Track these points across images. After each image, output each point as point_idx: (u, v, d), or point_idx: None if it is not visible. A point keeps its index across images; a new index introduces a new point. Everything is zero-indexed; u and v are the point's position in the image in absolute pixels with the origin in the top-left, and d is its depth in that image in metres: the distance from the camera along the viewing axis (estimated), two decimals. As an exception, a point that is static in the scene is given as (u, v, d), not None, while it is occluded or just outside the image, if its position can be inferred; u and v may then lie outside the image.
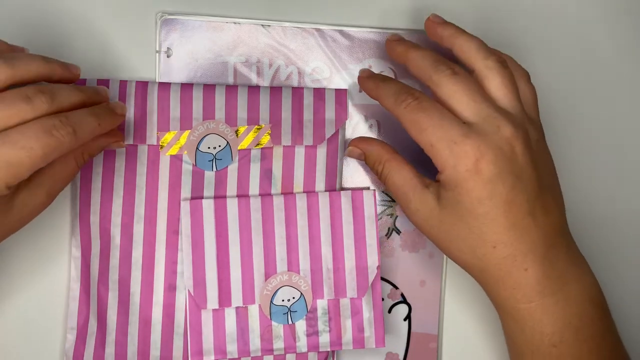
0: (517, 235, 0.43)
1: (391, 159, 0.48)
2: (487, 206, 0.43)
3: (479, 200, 0.43)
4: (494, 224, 0.43)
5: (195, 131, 0.51)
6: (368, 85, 0.49)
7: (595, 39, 0.56)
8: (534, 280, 0.44)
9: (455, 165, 0.43)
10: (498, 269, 0.44)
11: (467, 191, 0.43)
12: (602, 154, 0.56)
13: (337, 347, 0.51)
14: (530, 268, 0.44)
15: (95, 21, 0.52)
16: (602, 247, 0.55)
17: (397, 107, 0.45)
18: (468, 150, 0.42)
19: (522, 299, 0.44)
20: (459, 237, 0.44)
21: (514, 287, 0.44)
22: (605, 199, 0.56)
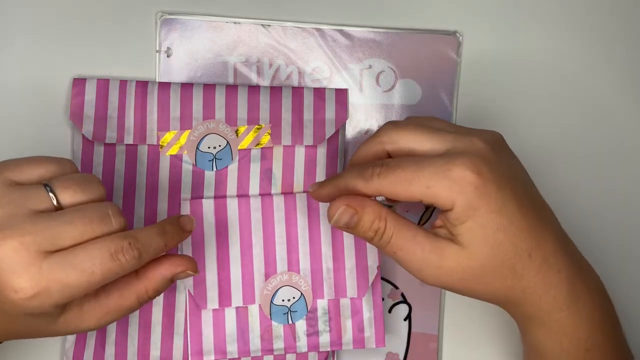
0: (540, 236, 0.42)
1: (391, 213, 0.43)
2: (509, 213, 0.41)
3: (499, 210, 0.41)
4: (520, 230, 0.41)
5: (195, 131, 0.51)
6: (325, 191, 0.44)
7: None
8: (567, 282, 0.43)
9: (462, 189, 0.40)
10: (538, 278, 0.42)
11: (486, 208, 0.40)
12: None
13: (337, 347, 0.51)
14: (562, 269, 0.42)
15: (95, 21, 0.52)
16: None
17: (370, 182, 0.42)
18: (464, 170, 0.40)
19: (562, 306, 0.43)
20: (497, 264, 0.41)
21: (555, 294, 0.42)
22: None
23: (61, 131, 0.51)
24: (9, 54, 0.52)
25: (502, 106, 0.55)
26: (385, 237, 0.42)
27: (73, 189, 0.39)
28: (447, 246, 0.41)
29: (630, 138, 0.56)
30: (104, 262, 0.38)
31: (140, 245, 0.39)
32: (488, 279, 0.42)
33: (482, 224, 0.41)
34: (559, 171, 0.55)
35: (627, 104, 0.56)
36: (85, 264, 0.37)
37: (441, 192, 0.40)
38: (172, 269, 0.42)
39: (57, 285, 0.37)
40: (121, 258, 0.38)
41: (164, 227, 0.42)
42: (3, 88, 0.52)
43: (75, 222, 0.38)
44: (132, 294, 0.41)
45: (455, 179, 0.40)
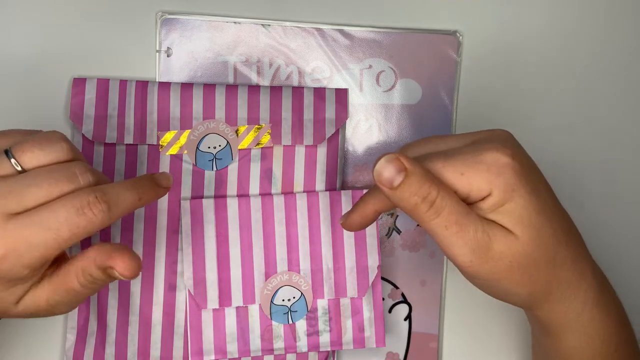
0: (568, 225, 0.41)
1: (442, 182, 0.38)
2: (544, 196, 0.39)
3: (536, 192, 0.39)
4: (555, 215, 0.40)
5: (196, 131, 0.51)
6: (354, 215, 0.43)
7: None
8: (595, 275, 0.42)
9: (499, 171, 0.38)
10: (572, 272, 0.40)
11: (525, 189, 0.38)
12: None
13: (337, 346, 0.51)
14: (589, 261, 0.41)
15: (95, 21, 0.52)
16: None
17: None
18: (497, 152, 0.38)
19: (594, 301, 0.41)
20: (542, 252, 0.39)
21: (587, 288, 0.41)
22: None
23: (61, 131, 0.51)
24: (9, 53, 0.52)
25: (502, 106, 0.55)
26: (437, 206, 0.37)
27: (33, 151, 0.38)
28: (496, 229, 0.38)
29: (632, 137, 0.56)
30: (70, 218, 0.36)
31: (109, 198, 0.37)
32: (532, 268, 0.39)
33: (524, 206, 0.38)
34: (560, 171, 0.55)
35: (629, 104, 0.56)
36: (50, 221, 0.36)
37: (477, 176, 0.38)
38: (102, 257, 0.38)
39: (24, 245, 0.36)
40: (88, 213, 0.37)
41: (136, 181, 0.40)
42: (3, 88, 0.52)
43: (39, 182, 0.37)
44: (72, 273, 0.39)
45: (490, 162, 0.38)
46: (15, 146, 0.38)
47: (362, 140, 0.53)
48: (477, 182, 0.38)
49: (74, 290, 0.39)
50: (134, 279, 0.38)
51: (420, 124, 0.54)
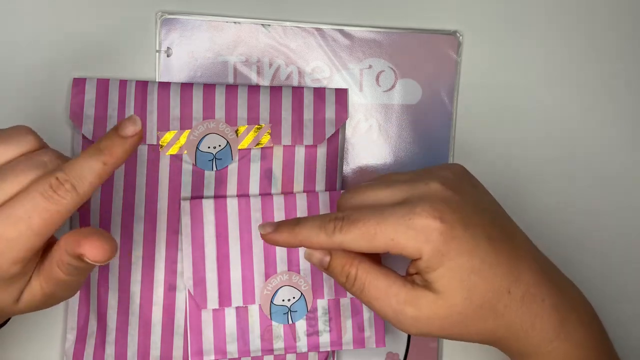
0: (517, 269, 0.41)
1: (364, 261, 0.41)
2: (481, 253, 0.40)
3: (470, 252, 0.40)
4: (494, 268, 0.40)
5: (195, 131, 0.51)
6: (282, 237, 0.41)
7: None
8: (553, 310, 0.41)
9: (428, 237, 0.39)
10: (522, 313, 0.41)
11: (456, 251, 0.39)
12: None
13: (337, 347, 0.51)
14: (546, 297, 0.41)
15: (95, 21, 0.52)
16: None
17: (333, 237, 0.40)
18: (426, 217, 0.39)
19: (552, 336, 0.41)
20: (476, 307, 0.40)
21: (542, 326, 0.41)
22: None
23: (61, 131, 0.51)
24: (9, 53, 0.52)
25: (502, 106, 0.55)
26: (358, 284, 0.41)
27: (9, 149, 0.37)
28: (423, 295, 0.40)
29: (633, 139, 0.56)
30: (37, 205, 0.35)
31: (71, 176, 0.36)
32: (469, 323, 0.41)
33: (454, 269, 0.39)
34: (560, 171, 0.55)
35: (628, 104, 0.56)
36: (18, 212, 0.35)
37: (407, 243, 0.39)
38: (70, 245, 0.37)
39: (2, 242, 0.36)
40: (54, 195, 0.36)
41: (99, 144, 0.37)
42: (3, 88, 0.52)
43: (6, 176, 0.36)
44: (54, 265, 0.38)
45: (418, 227, 0.39)
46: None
47: (362, 140, 0.53)
48: (408, 248, 0.39)
49: (62, 280, 0.38)
50: (108, 262, 0.37)
51: (420, 124, 0.54)
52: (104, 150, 0.37)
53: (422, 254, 0.39)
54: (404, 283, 0.41)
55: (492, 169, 0.51)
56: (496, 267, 0.40)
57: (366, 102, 0.53)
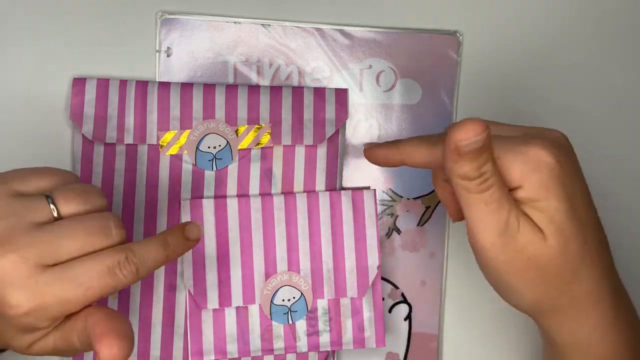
0: (601, 244, 0.40)
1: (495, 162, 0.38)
2: (580, 207, 0.38)
3: (571, 200, 0.38)
4: (587, 229, 0.39)
5: (195, 131, 0.51)
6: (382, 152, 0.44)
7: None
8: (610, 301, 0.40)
9: (537, 167, 0.37)
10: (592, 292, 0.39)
11: (560, 192, 0.38)
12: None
13: (337, 347, 0.51)
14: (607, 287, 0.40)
15: (95, 21, 0.52)
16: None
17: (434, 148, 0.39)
18: (542, 150, 0.38)
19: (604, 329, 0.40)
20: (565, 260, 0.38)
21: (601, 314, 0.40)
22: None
23: (61, 131, 0.51)
24: (9, 53, 0.52)
25: (503, 106, 0.55)
26: (488, 183, 0.37)
27: (74, 200, 0.38)
28: (527, 222, 0.38)
29: (635, 134, 0.56)
30: (101, 277, 0.37)
31: (137, 259, 0.38)
32: (549, 274, 0.38)
33: (557, 209, 0.38)
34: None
35: (630, 101, 0.56)
36: (82, 278, 0.37)
37: (513, 164, 0.37)
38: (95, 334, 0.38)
39: (53, 299, 0.36)
40: (118, 273, 0.37)
41: (167, 237, 0.40)
42: (3, 88, 0.52)
43: (75, 235, 0.37)
44: (74, 332, 0.39)
45: (531, 154, 0.37)
46: (59, 193, 0.38)
47: (362, 140, 0.53)
48: (511, 170, 0.37)
49: (75, 346, 0.39)
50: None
51: (420, 124, 0.54)
52: (170, 245, 0.40)
53: (524, 182, 0.37)
54: (516, 202, 0.38)
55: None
56: (589, 229, 0.39)
57: (366, 102, 0.53)
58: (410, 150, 0.42)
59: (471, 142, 0.36)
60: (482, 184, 0.37)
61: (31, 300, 0.36)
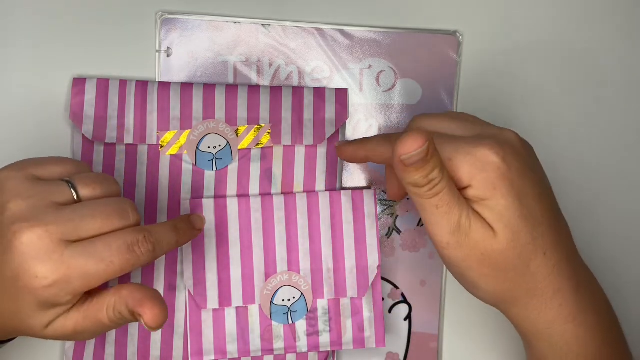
0: (557, 237, 0.41)
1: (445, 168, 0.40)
2: (529, 204, 0.40)
3: (520, 198, 0.40)
4: (538, 225, 0.41)
5: (195, 131, 0.51)
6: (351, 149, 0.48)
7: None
8: (575, 292, 0.41)
9: (484, 167, 0.40)
10: (549, 281, 0.41)
11: (507, 190, 0.40)
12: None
13: (337, 347, 0.51)
14: (572, 276, 0.41)
15: (95, 21, 0.52)
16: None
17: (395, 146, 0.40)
18: (489, 151, 0.40)
19: (568, 317, 0.41)
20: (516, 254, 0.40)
21: (562, 303, 0.41)
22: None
23: (61, 131, 0.51)
24: (9, 53, 0.52)
25: (502, 106, 0.55)
26: (437, 188, 0.40)
27: (92, 185, 0.41)
28: (478, 220, 0.40)
29: (631, 133, 0.56)
30: (122, 254, 0.39)
31: (154, 239, 0.41)
32: (502, 268, 0.41)
33: (504, 206, 0.40)
34: (559, 170, 0.55)
35: (631, 102, 0.56)
36: (104, 254, 0.39)
37: (462, 165, 0.40)
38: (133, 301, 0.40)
39: (77, 272, 0.38)
40: (137, 250, 0.40)
41: (177, 224, 0.44)
42: (3, 88, 0.52)
43: (95, 214, 0.39)
44: (104, 307, 0.41)
45: (478, 155, 0.40)
46: (78, 178, 0.41)
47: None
48: (461, 171, 0.40)
49: (102, 323, 0.41)
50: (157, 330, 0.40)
51: (420, 124, 0.54)
52: (180, 231, 0.43)
53: (473, 181, 0.40)
54: (467, 202, 0.41)
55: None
56: (540, 225, 0.41)
57: (366, 102, 0.53)
58: (373, 147, 0.46)
59: (412, 155, 0.38)
60: (432, 190, 0.39)
61: (56, 272, 0.38)
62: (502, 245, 0.40)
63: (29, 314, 0.40)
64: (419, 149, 0.38)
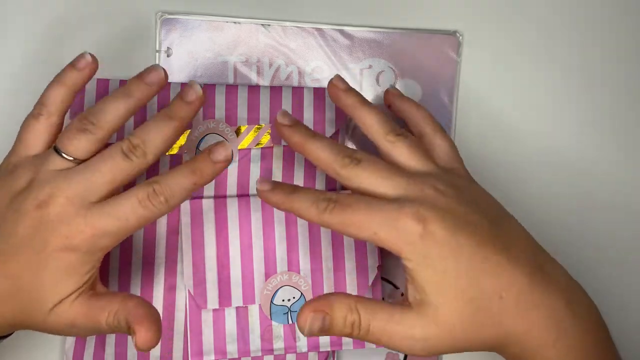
0: (509, 275, 0.41)
1: (361, 300, 0.42)
2: (465, 258, 0.40)
3: (454, 257, 0.40)
4: (482, 273, 0.40)
5: (195, 131, 0.51)
6: (275, 199, 0.43)
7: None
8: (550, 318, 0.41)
9: (408, 239, 0.40)
10: (519, 318, 0.41)
11: (438, 255, 0.40)
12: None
13: (337, 347, 0.51)
14: (540, 305, 0.41)
15: (95, 21, 0.52)
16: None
17: (322, 215, 0.42)
18: (410, 220, 0.40)
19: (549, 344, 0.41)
20: (472, 312, 0.40)
21: (538, 333, 0.41)
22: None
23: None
24: (9, 53, 0.52)
25: (502, 106, 0.55)
26: (364, 327, 0.41)
27: (76, 138, 0.42)
28: (423, 312, 0.41)
29: (626, 141, 0.56)
30: (135, 210, 0.41)
31: (165, 190, 0.42)
32: (471, 330, 0.41)
33: (440, 272, 0.40)
34: (559, 170, 0.55)
35: (631, 103, 0.56)
36: (119, 213, 0.41)
37: (387, 239, 0.41)
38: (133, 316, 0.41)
39: (99, 232, 0.41)
40: (149, 204, 0.41)
41: (194, 164, 0.43)
42: (2, 88, 0.52)
43: (99, 168, 0.41)
44: (105, 310, 0.42)
45: (401, 228, 0.40)
46: (60, 141, 0.42)
47: (362, 140, 0.53)
48: (388, 244, 0.41)
49: (99, 324, 0.42)
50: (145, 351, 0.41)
51: (420, 124, 0.54)
52: (196, 171, 0.43)
53: (402, 253, 0.41)
54: (403, 309, 0.41)
55: (491, 168, 0.51)
56: (483, 273, 0.41)
57: (366, 102, 0.53)
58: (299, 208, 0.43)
59: (308, 330, 0.41)
60: (360, 331, 0.41)
61: (82, 232, 0.40)
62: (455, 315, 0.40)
63: (47, 287, 0.41)
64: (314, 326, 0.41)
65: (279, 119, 0.45)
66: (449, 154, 0.47)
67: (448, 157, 0.47)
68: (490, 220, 0.43)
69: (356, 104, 0.46)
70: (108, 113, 0.42)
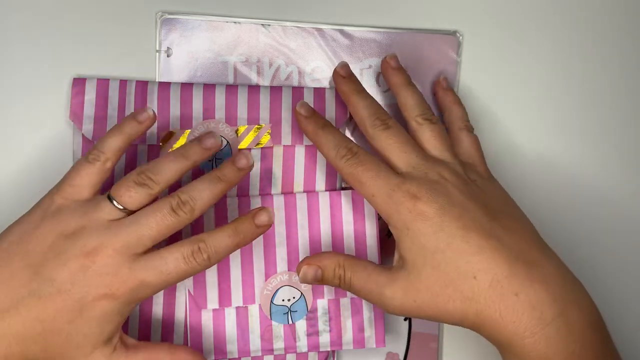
0: (489, 259, 0.43)
1: (348, 258, 0.47)
2: (445, 237, 0.43)
3: (435, 233, 0.43)
4: (460, 253, 0.43)
5: (195, 131, 0.51)
6: (307, 128, 0.49)
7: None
8: (529, 306, 0.42)
9: (398, 209, 0.44)
10: (490, 301, 0.42)
11: (420, 230, 0.44)
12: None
13: (337, 347, 0.51)
14: (520, 292, 0.42)
15: (95, 21, 0.52)
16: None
17: (338, 160, 0.46)
18: (404, 194, 0.44)
19: (526, 332, 0.42)
20: (442, 285, 0.43)
21: (514, 320, 0.42)
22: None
23: (61, 131, 0.51)
24: (9, 53, 0.52)
25: (502, 106, 0.55)
26: (347, 281, 0.46)
27: (134, 190, 0.43)
28: (398, 275, 0.45)
29: (630, 141, 0.56)
30: (179, 266, 0.43)
31: (209, 248, 0.43)
32: (439, 301, 0.44)
33: (420, 245, 0.44)
34: (560, 170, 0.55)
35: (631, 103, 0.56)
36: (163, 267, 0.43)
37: (381, 205, 0.45)
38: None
39: (142, 284, 0.42)
40: (192, 261, 0.43)
41: (237, 227, 0.45)
42: (3, 88, 0.52)
43: (148, 223, 0.43)
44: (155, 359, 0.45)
45: (394, 199, 0.44)
46: (113, 190, 0.44)
47: (362, 140, 0.53)
48: (378, 208, 0.45)
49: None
50: None
51: (420, 124, 0.54)
52: (240, 234, 0.45)
53: (390, 219, 0.45)
54: (382, 270, 0.46)
55: (491, 168, 0.51)
56: (461, 252, 0.43)
57: (366, 102, 0.53)
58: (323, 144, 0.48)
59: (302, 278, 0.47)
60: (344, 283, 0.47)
61: (124, 284, 0.42)
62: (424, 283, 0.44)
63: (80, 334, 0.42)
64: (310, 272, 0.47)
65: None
66: (471, 151, 0.50)
67: (469, 153, 0.49)
68: (488, 212, 0.45)
69: (403, 83, 0.50)
70: (166, 171, 0.44)
